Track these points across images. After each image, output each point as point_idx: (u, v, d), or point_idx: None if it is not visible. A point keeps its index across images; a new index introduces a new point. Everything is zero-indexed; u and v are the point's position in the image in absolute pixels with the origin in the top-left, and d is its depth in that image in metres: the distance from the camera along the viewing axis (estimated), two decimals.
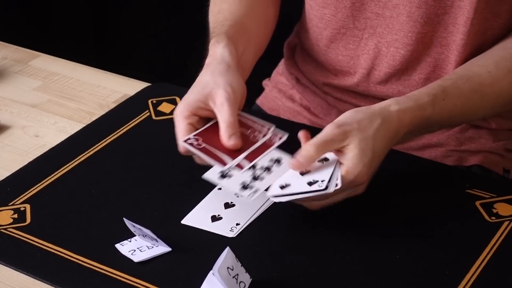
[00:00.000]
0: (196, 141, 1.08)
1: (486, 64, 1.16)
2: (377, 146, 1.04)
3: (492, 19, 1.22)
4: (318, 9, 1.30)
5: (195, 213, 1.09)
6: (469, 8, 1.19)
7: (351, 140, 1.03)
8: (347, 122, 1.04)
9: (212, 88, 1.10)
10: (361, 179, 1.04)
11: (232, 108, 1.09)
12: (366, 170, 1.03)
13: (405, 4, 1.22)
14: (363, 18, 1.26)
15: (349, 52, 1.30)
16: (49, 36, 2.49)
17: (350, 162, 1.03)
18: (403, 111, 1.08)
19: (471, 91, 1.14)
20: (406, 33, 1.24)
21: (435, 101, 1.10)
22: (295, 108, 1.41)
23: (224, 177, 1.05)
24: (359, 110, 1.07)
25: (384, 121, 1.06)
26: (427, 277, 0.99)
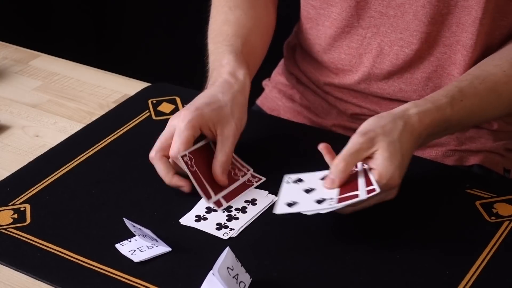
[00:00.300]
0: (190, 161, 1.09)
1: (500, 64, 1.17)
2: (404, 148, 1.05)
3: (500, 19, 1.22)
4: (326, 7, 1.30)
5: (193, 213, 1.09)
6: (477, 8, 1.19)
7: (379, 145, 1.04)
8: (371, 129, 1.05)
9: (227, 116, 1.12)
10: (394, 182, 1.04)
11: (233, 145, 1.12)
12: (398, 172, 1.04)
13: (411, 3, 1.22)
14: (367, 17, 1.27)
15: (352, 51, 1.30)
16: (49, 36, 2.49)
17: (382, 167, 1.03)
18: (423, 113, 1.08)
19: (487, 90, 1.14)
20: (411, 32, 1.24)
21: (453, 102, 1.11)
22: (295, 108, 1.41)
23: (199, 220, 1.07)
24: (380, 116, 1.07)
25: (406, 124, 1.06)
26: (427, 277, 0.99)
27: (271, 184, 1.12)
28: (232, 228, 1.06)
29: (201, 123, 1.11)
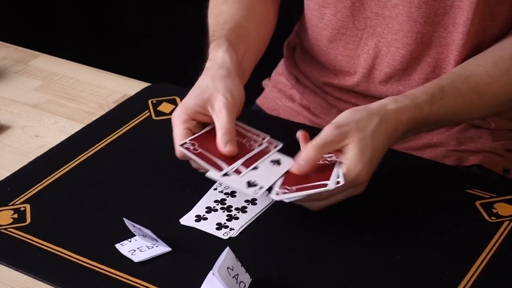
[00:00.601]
0: (192, 146, 1.08)
1: (484, 64, 1.16)
2: (376, 145, 1.05)
3: (491, 19, 1.22)
4: (318, 9, 1.30)
5: (193, 213, 1.09)
6: (469, 8, 1.19)
7: (351, 140, 1.03)
8: (346, 122, 1.05)
9: (212, 93, 1.10)
10: (361, 178, 1.04)
11: (230, 115, 1.09)
12: (366, 169, 1.04)
13: (405, 4, 1.22)
14: (362, 18, 1.26)
15: (349, 52, 1.30)
16: (49, 36, 2.49)
17: (350, 161, 1.03)
18: (401, 109, 1.08)
19: (468, 90, 1.14)
20: (406, 33, 1.24)
21: (433, 100, 1.10)
22: (295, 108, 1.41)
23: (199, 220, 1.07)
24: (357, 110, 1.07)
25: (382, 120, 1.06)
26: (427, 277, 0.99)
27: None
28: (232, 228, 1.06)
29: (189, 114, 1.10)
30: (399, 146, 1.30)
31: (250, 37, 1.25)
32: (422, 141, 1.31)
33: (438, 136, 1.30)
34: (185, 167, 1.15)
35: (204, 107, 1.10)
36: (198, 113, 1.11)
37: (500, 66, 1.16)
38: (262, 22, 1.30)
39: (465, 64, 1.18)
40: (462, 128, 1.31)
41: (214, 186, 1.12)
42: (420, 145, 1.30)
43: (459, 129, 1.31)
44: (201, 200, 1.10)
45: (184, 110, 1.11)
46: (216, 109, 1.10)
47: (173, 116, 1.11)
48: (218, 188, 1.12)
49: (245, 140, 1.12)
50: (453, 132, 1.30)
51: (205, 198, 1.11)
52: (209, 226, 1.06)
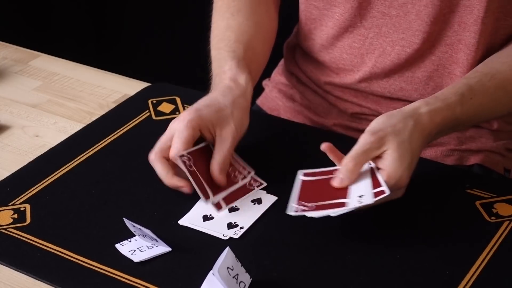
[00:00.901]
0: (188, 161, 1.09)
1: (507, 61, 1.17)
2: (414, 148, 1.05)
3: (504, 19, 1.22)
4: (329, 8, 1.30)
5: (191, 214, 1.09)
6: (479, 7, 1.19)
7: (389, 145, 1.04)
8: (381, 128, 1.05)
9: (227, 118, 1.12)
10: (402, 183, 1.04)
11: (232, 146, 1.11)
12: (407, 173, 1.04)
13: (414, 3, 1.22)
14: (370, 17, 1.27)
15: (354, 51, 1.30)
16: (49, 36, 2.49)
17: (391, 167, 1.03)
18: (433, 111, 1.08)
19: (496, 88, 1.15)
20: (414, 32, 1.24)
21: (463, 100, 1.11)
22: (296, 108, 1.41)
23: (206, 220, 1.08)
24: (391, 115, 1.07)
25: (416, 123, 1.06)
26: (427, 277, 0.99)
27: (271, 184, 1.12)
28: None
29: (201, 124, 1.11)
30: None
31: (259, 61, 1.28)
32: None
33: None
34: None
35: (214, 126, 1.11)
36: (206, 128, 1.11)
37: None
38: (267, 41, 1.31)
39: (488, 62, 1.19)
40: None
41: None
42: None
43: None
44: (199, 201, 1.10)
45: (199, 118, 1.11)
46: (224, 135, 1.11)
47: (184, 117, 1.11)
48: None
49: (231, 170, 1.13)
50: None
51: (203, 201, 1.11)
52: (216, 226, 1.06)
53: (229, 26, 1.27)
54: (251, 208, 1.09)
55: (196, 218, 1.08)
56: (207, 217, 1.08)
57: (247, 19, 1.28)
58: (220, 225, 1.06)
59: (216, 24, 1.30)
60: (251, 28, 1.27)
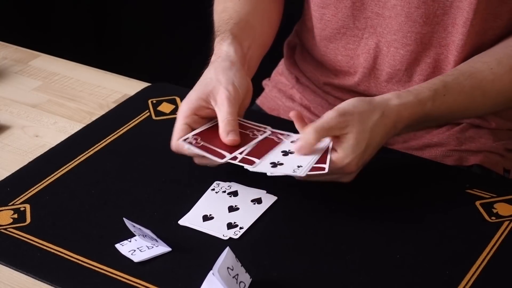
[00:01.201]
0: (195, 140, 1.09)
1: (488, 61, 1.17)
2: (373, 139, 1.06)
3: (492, 20, 1.22)
4: (318, 9, 1.30)
5: (191, 214, 1.09)
6: (468, 9, 1.19)
7: (350, 129, 1.05)
8: (350, 111, 1.06)
9: (214, 86, 1.11)
10: (350, 169, 1.05)
11: (232, 106, 1.09)
12: (356, 161, 1.05)
13: (403, 4, 1.22)
14: (363, 17, 1.26)
15: (349, 52, 1.30)
16: (49, 36, 2.49)
17: (343, 151, 1.05)
18: (403, 105, 1.09)
19: (472, 87, 1.14)
20: (405, 33, 1.24)
21: (436, 96, 1.11)
22: (295, 108, 1.41)
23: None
24: (362, 100, 1.08)
25: (383, 115, 1.07)
26: (427, 277, 0.99)
27: (271, 184, 1.12)
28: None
29: (191, 108, 1.11)
30: (399, 146, 1.30)
31: (255, 31, 1.26)
32: (422, 141, 1.31)
33: (439, 136, 1.30)
34: (185, 167, 1.15)
35: (207, 101, 1.11)
36: (201, 107, 1.11)
37: (505, 64, 1.16)
38: (266, 17, 1.31)
39: (469, 61, 1.19)
40: (462, 128, 1.31)
41: (212, 186, 1.12)
42: (420, 145, 1.30)
43: (460, 129, 1.31)
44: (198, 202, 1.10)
45: (187, 104, 1.11)
46: (219, 101, 1.10)
47: (178, 112, 1.12)
48: (215, 188, 1.12)
49: (248, 131, 1.12)
50: (454, 132, 1.30)
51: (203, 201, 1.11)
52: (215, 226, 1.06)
53: (225, 8, 1.28)
54: (251, 208, 1.09)
55: (196, 218, 1.08)
56: (207, 217, 1.08)
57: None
58: (220, 225, 1.06)
59: (215, 10, 1.31)
60: (247, 5, 1.28)
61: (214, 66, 1.15)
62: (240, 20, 1.24)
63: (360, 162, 1.06)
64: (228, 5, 1.28)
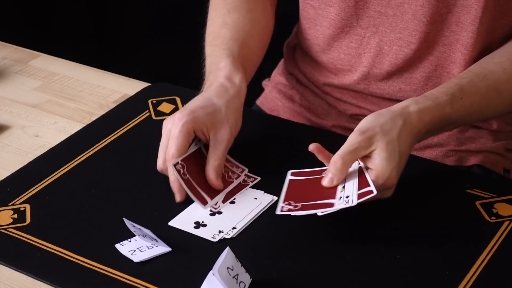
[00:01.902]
0: (182, 169, 1.08)
1: (501, 61, 1.17)
2: (403, 147, 1.05)
3: (501, 17, 1.22)
4: (324, 7, 1.29)
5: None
6: (477, 7, 1.19)
7: (377, 144, 1.04)
8: (370, 127, 1.05)
9: (221, 120, 1.12)
10: (391, 183, 1.04)
11: (227, 149, 1.11)
12: (395, 173, 1.04)
13: (410, 2, 1.22)
14: (366, 16, 1.27)
15: (351, 51, 1.30)
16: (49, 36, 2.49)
17: (379, 167, 1.03)
18: (423, 110, 1.08)
19: (487, 88, 1.14)
20: (410, 32, 1.24)
21: (453, 100, 1.11)
22: (295, 109, 1.41)
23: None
24: (379, 114, 1.07)
25: (405, 122, 1.06)
26: (427, 277, 0.99)
27: (270, 184, 1.12)
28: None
29: (195, 127, 1.10)
30: None
31: (253, 59, 1.27)
32: (422, 142, 1.30)
33: (439, 137, 1.30)
34: None
35: (208, 129, 1.11)
36: (200, 130, 1.11)
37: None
38: (263, 38, 1.31)
39: (481, 62, 1.18)
40: (462, 128, 1.31)
41: None
42: (420, 145, 1.30)
43: (460, 130, 1.30)
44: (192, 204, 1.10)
45: (193, 119, 1.10)
46: (219, 138, 1.11)
47: (178, 120, 1.10)
48: None
49: (224, 171, 1.13)
50: (453, 132, 1.30)
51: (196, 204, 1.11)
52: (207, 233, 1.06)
53: (224, 23, 1.27)
54: (248, 208, 1.09)
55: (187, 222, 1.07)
56: (200, 224, 1.07)
57: (243, 16, 1.28)
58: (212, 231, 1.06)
59: (212, 20, 1.30)
60: (247, 25, 1.27)
61: (227, 98, 1.14)
62: (242, 45, 1.24)
63: (399, 173, 1.05)
64: (227, 21, 1.27)
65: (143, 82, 1.41)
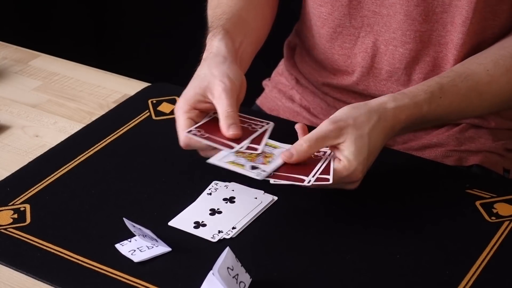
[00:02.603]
0: (198, 132, 1.08)
1: (484, 63, 1.17)
2: (373, 144, 1.05)
3: (491, 19, 1.22)
4: (316, 7, 1.30)
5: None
6: (468, 8, 1.19)
7: (347, 137, 1.04)
8: (343, 119, 1.05)
9: (209, 80, 1.11)
10: (356, 177, 1.04)
11: (230, 98, 1.09)
12: (361, 168, 1.04)
13: (402, 2, 1.22)
14: (359, 16, 1.26)
15: (346, 51, 1.30)
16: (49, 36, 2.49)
17: (346, 160, 1.03)
18: (399, 108, 1.08)
19: (468, 89, 1.14)
20: (404, 32, 1.24)
21: (432, 98, 1.11)
22: (295, 109, 1.41)
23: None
24: (356, 106, 1.07)
25: (380, 119, 1.06)
26: (427, 277, 0.99)
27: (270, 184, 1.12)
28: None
29: (190, 104, 1.10)
30: (399, 146, 1.30)
31: (248, 26, 1.26)
32: (422, 141, 1.31)
33: (438, 137, 1.30)
34: (185, 167, 1.15)
35: (204, 95, 1.11)
36: (199, 102, 1.11)
37: (501, 65, 1.16)
38: (260, 13, 1.31)
39: (465, 62, 1.18)
40: (462, 128, 1.31)
41: (208, 190, 1.12)
42: (420, 145, 1.30)
43: (459, 129, 1.31)
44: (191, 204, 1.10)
45: (185, 100, 1.11)
46: (216, 94, 1.10)
47: (176, 108, 1.12)
48: (213, 193, 1.12)
49: (246, 125, 1.12)
50: (453, 132, 1.30)
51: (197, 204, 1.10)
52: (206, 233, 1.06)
53: (218, 3, 1.28)
54: (248, 208, 1.09)
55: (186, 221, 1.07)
56: (199, 224, 1.07)
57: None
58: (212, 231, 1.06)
59: (209, 5, 1.31)
60: (241, 1, 1.27)
61: (207, 62, 1.15)
62: (232, 15, 1.24)
63: (365, 169, 1.05)
64: (222, 0, 1.28)
65: (143, 82, 1.41)
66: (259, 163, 1.06)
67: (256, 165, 1.05)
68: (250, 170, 1.04)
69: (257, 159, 1.06)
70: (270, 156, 1.07)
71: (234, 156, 1.06)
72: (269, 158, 1.06)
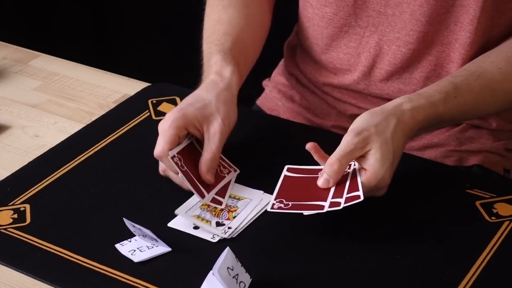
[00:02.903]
0: (179, 161, 1.08)
1: (496, 61, 1.17)
2: (396, 147, 1.06)
3: (498, 17, 1.22)
4: (320, 7, 1.30)
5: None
6: (475, 7, 1.19)
7: (372, 145, 1.04)
8: (365, 128, 1.05)
9: (212, 113, 1.11)
10: (384, 183, 1.05)
11: (221, 141, 1.11)
12: (388, 173, 1.05)
13: (408, 2, 1.22)
14: (365, 16, 1.27)
15: (350, 50, 1.30)
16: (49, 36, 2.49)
17: (373, 167, 1.04)
18: (416, 108, 1.08)
19: (482, 87, 1.15)
20: (408, 32, 1.24)
21: (447, 98, 1.11)
22: (295, 109, 1.41)
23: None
24: (373, 112, 1.07)
25: (399, 121, 1.07)
26: (427, 277, 0.99)
27: (270, 184, 1.12)
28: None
29: (185, 123, 1.10)
30: None
31: (248, 53, 1.27)
32: (422, 142, 1.31)
33: (438, 137, 1.30)
34: None
35: (201, 123, 1.11)
36: (193, 126, 1.11)
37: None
38: (259, 33, 1.31)
39: (476, 61, 1.19)
40: (462, 128, 1.31)
41: None
42: (420, 146, 1.30)
43: (459, 130, 1.31)
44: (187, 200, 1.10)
45: (183, 116, 1.10)
46: (211, 131, 1.10)
47: (170, 117, 1.10)
48: None
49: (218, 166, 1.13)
50: (453, 132, 1.30)
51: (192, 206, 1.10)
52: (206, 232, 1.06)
53: (220, 19, 1.27)
54: (249, 208, 1.09)
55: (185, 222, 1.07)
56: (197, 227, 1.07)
57: (238, 11, 1.28)
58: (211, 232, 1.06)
59: (208, 17, 1.30)
60: (242, 20, 1.27)
61: (216, 92, 1.14)
62: (236, 39, 1.24)
63: (392, 173, 1.05)
64: (223, 17, 1.27)
65: (143, 82, 1.41)
66: (224, 218, 1.07)
67: (221, 221, 1.06)
68: (215, 227, 1.05)
69: (222, 214, 1.07)
70: (234, 210, 1.08)
71: (199, 210, 1.08)
72: (234, 213, 1.07)
